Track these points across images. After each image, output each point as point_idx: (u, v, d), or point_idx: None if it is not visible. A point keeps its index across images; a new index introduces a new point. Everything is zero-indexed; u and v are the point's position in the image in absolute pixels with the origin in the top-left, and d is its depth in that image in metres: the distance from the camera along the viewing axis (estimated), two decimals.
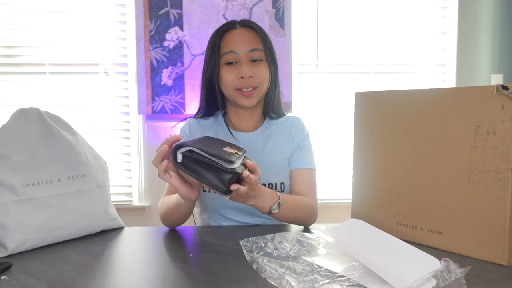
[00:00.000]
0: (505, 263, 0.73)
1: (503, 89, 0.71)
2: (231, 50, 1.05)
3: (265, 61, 1.07)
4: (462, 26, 2.32)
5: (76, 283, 0.66)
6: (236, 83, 1.05)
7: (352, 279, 0.63)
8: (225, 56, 1.05)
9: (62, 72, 2.19)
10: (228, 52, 1.05)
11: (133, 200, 2.26)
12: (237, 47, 1.04)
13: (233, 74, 1.05)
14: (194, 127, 1.15)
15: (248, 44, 1.05)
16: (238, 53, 1.04)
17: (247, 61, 1.05)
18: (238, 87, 1.05)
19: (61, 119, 0.92)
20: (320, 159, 2.30)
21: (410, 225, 0.85)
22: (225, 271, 0.70)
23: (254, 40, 1.06)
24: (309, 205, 1.04)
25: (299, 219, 1.00)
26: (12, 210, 0.80)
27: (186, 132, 1.15)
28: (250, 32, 1.07)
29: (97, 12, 2.17)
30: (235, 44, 1.05)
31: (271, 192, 0.92)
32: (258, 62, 1.06)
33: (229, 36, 1.07)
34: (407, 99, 0.85)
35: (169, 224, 0.99)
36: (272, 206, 0.91)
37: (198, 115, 1.17)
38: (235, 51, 1.04)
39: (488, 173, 0.74)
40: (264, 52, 1.06)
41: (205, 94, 1.13)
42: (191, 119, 1.17)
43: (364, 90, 0.97)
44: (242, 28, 1.07)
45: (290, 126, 1.15)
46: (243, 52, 1.04)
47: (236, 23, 1.08)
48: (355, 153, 0.96)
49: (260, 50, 1.06)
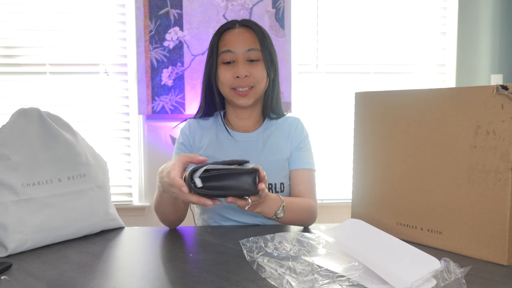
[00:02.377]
0: (505, 263, 0.73)
1: (503, 89, 0.71)
2: (228, 50, 1.05)
3: (262, 61, 1.07)
4: (462, 26, 2.32)
5: (76, 283, 0.66)
6: (232, 82, 1.05)
7: (352, 279, 0.63)
8: (223, 55, 1.06)
9: (62, 72, 2.19)
10: (226, 52, 1.05)
11: (133, 200, 2.26)
12: (234, 47, 1.05)
13: (230, 73, 1.05)
14: (194, 127, 1.15)
15: (245, 44, 1.05)
16: (235, 52, 1.05)
17: (243, 61, 1.05)
18: (234, 86, 1.06)
19: (61, 119, 0.92)
20: (320, 159, 2.30)
21: (410, 225, 0.85)
22: (225, 271, 0.70)
23: (251, 40, 1.06)
24: (310, 206, 1.05)
25: (301, 220, 1.01)
26: (12, 210, 0.80)
27: (186, 132, 1.15)
28: (248, 32, 1.07)
29: (97, 12, 2.17)
30: (232, 44, 1.05)
31: (275, 197, 0.93)
32: (255, 62, 1.06)
33: (227, 36, 1.07)
34: (407, 99, 0.85)
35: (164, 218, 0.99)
36: (277, 211, 0.92)
37: (198, 115, 1.17)
38: (232, 51, 1.05)
39: (488, 173, 0.74)
40: (262, 52, 1.06)
41: (204, 94, 1.14)
42: (191, 120, 1.17)
43: (364, 90, 0.97)
44: (240, 28, 1.08)
45: (289, 127, 1.15)
46: (240, 51, 1.05)
47: (236, 23, 1.09)
48: (355, 153, 0.96)
49: (257, 50, 1.06)
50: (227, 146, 1.11)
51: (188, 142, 1.13)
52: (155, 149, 2.23)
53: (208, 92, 1.13)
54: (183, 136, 1.15)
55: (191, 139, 1.13)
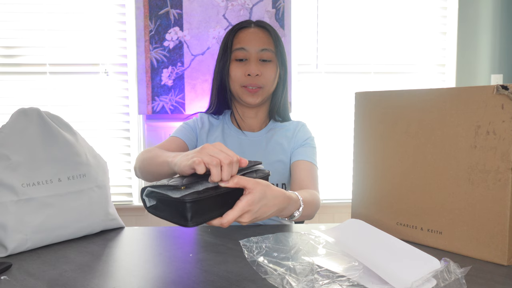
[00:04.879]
0: (505, 263, 0.73)
1: (503, 89, 0.71)
2: (242, 47, 1.06)
3: (274, 62, 1.08)
4: (462, 26, 2.32)
5: (76, 283, 0.66)
6: (243, 79, 1.06)
7: (352, 279, 0.63)
8: (236, 52, 1.07)
9: (62, 72, 2.19)
10: (239, 49, 1.07)
11: (133, 200, 2.26)
12: (248, 45, 1.06)
13: (241, 70, 1.06)
14: (204, 120, 1.16)
15: (259, 43, 1.06)
16: (249, 50, 1.06)
17: (256, 60, 1.06)
18: (244, 84, 1.06)
19: (61, 119, 0.92)
20: (320, 159, 2.29)
21: (410, 225, 0.85)
22: (225, 271, 0.70)
23: (266, 41, 1.07)
24: (317, 198, 0.99)
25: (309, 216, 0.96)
26: (12, 210, 0.80)
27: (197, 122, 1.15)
28: (263, 32, 1.08)
29: (97, 12, 2.17)
30: (246, 42, 1.06)
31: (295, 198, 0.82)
32: (267, 63, 1.07)
33: (242, 34, 1.08)
34: (407, 99, 0.85)
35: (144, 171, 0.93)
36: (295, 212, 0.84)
37: (209, 111, 1.18)
38: (246, 49, 1.06)
39: (488, 173, 0.74)
40: (275, 54, 1.07)
41: (217, 90, 1.14)
42: (202, 114, 1.18)
43: (364, 90, 0.97)
44: (256, 28, 1.09)
45: (293, 129, 1.15)
46: (253, 50, 1.06)
47: (251, 23, 1.10)
48: (355, 153, 0.96)
49: (271, 51, 1.07)
50: (232, 144, 1.11)
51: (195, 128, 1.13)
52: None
53: (220, 89, 1.14)
54: (193, 122, 1.15)
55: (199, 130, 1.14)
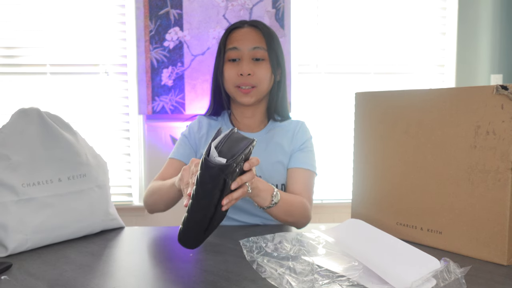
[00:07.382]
0: (505, 263, 0.73)
1: (502, 89, 0.71)
2: (234, 47, 1.07)
3: (267, 61, 1.08)
4: (462, 27, 2.32)
5: (76, 283, 0.66)
6: (236, 79, 1.06)
7: (352, 279, 0.63)
8: (229, 52, 1.08)
9: (63, 72, 2.19)
10: (232, 49, 1.07)
11: (133, 200, 2.26)
12: (240, 44, 1.06)
13: (234, 71, 1.06)
14: (203, 124, 1.16)
15: (251, 42, 1.06)
16: (241, 49, 1.06)
17: (248, 59, 1.06)
18: (237, 84, 1.07)
19: (61, 119, 0.92)
20: (320, 159, 2.29)
21: (410, 225, 0.85)
22: (225, 271, 0.70)
23: (258, 39, 1.07)
24: (303, 203, 1.00)
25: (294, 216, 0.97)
26: (13, 210, 0.80)
27: (194, 129, 1.16)
28: (255, 31, 1.09)
29: (97, 13, 2.17)
30: (238, 41, 1.07)
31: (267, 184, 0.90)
32: (260, 62, 1.07)
33: (235, 34, 1.09)
34: (407, 99, 0.85)
35: (153, 204, 1.04)
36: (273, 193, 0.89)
37: (208, 113, 1.18)
38: (238, 48, 1.06)
39: (488, 173, 0.74)
40: (268, 52, 1.07)
41: (213, 92, 1.15)
42: (201, 116, 1.19)
43: (364, 90, 0.97)
44: (248, 27, 1.10)
45: (293, 129, 1.15)
46: (245, 49, 1.06)
47: (245, 23, 1.11)
48: (355, 153, 0.96)
49: (263, 49, 1.07)
50: None
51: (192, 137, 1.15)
52: (155, 149, 2.23)
53: (216, 90, 1.15)
54: (189, 131, 1.16)
55: (197, 136, 1.15)
